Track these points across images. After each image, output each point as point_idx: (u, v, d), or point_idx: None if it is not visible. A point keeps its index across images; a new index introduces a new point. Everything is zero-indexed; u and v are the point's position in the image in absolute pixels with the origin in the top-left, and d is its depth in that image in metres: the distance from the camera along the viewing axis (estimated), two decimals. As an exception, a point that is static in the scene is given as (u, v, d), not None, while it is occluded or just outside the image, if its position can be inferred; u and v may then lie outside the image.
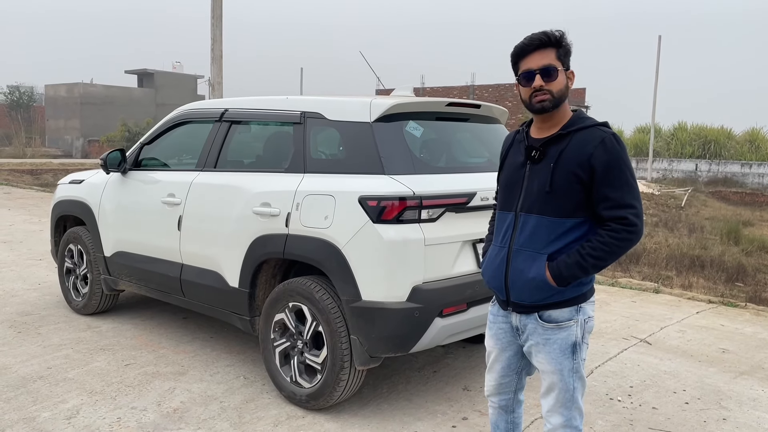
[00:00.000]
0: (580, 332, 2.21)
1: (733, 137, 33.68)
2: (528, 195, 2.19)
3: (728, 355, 4.64)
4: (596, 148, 2.08)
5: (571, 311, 2.19)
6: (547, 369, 2.23)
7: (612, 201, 2.08)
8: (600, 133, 2.11)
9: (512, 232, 2.22)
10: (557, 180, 2.12)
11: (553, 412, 2.26)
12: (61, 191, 5.36)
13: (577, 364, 2.23)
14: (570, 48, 2.19)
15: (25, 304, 5.41)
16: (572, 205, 2.12)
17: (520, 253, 2.19)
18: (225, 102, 4.31)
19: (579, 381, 2.24)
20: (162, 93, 40.66)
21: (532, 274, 2.15)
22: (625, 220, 2.07)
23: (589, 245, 2.09)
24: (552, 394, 2.25)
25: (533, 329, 2.23)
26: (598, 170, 2.07)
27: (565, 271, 2.10)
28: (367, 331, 3.18)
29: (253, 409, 3.50)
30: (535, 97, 2.15)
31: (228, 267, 3.81)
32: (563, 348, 2.20)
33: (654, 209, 17.49)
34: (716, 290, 7.15)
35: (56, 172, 21.60)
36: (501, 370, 2.41)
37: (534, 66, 2.14)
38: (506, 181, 2.31)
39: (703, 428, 3.44)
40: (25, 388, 3.70)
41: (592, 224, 2.15)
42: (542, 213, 2.15)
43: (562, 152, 2.13)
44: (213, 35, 12.53)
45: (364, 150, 3.36)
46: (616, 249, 2.08)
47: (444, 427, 3.36)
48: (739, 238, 11.39)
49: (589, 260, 2.08)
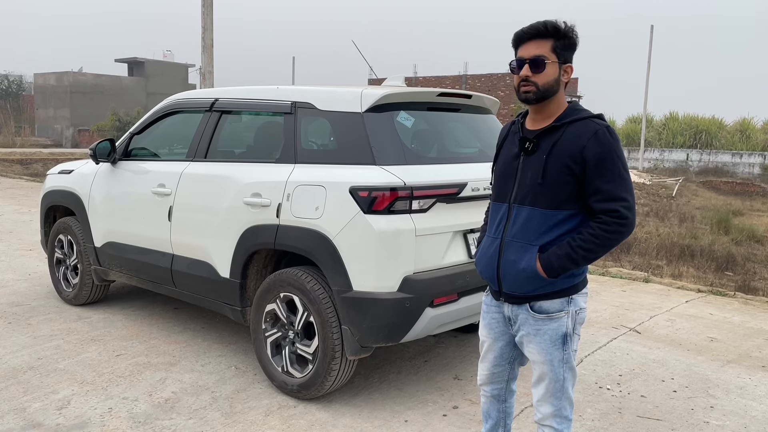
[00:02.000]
0: (571, 323, 2.22)
1: (724, 127, 33.86)
2: (521, 186, 2.20)
3: (716, 343, 4.69)
4: (589, 141, 2.08)
5: (562, 302, 2.21)
6: (537, 359, 2.25)
7: (604, 194, 2.08)
8: (594, 126, 2.11)
9: (505, 223, 2.23)
10: (550, 171, 2.12)
11: (543, 401, 2.29)
12: (50, 181, 5.33)
13: (568, 354, 2.24)
14: (574, 41, 2.17)
15: (15, 295, 5.38)
16: (564, 197, 2.13)
17: (512, 244, 2.20)
18: (215, 92, 4.28)
19: (569, 372, 2.26)
20: (152, 82, 40.34)
21: (524, 265, 2.16)
22: (616, 213, 2.07)
23: (580, 237, 2.10)
24: (542, 384, 2.28)
25: (525, 320, 2.25)
26: (591, 162, 2.08)
27: (556, 262, 2.11)
28: (358, 321, 3.19)
29: (245, 399, 3.51)
30: (522, 87, 2.16)
31: (219, 257, 3.80)
32: (554, 339, 2.21)
33: (645, 199, 17.59)
34: (706, 279, 7.22)
35: (46, 161, 21.45)
36: (494, 359, 2.43)
37: (525, 55, 2.15)
38: (500, 172, 2.31)
39: (690, 416, 3.48)
40: (15, 378, 3.69)
41: (584, 216, 2.16)
42: (534, 204, 2.16)
43: (555, 144, 2.13)
44: (204, 23, 12.43)
45: (355, 140, 3.35)
46: (606, 242, 2.08)
47: (435, 416, 3.38)
48: (729, 227, 11.48)
49: (580, 252, 2.09)
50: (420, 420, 3.33)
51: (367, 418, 3.33)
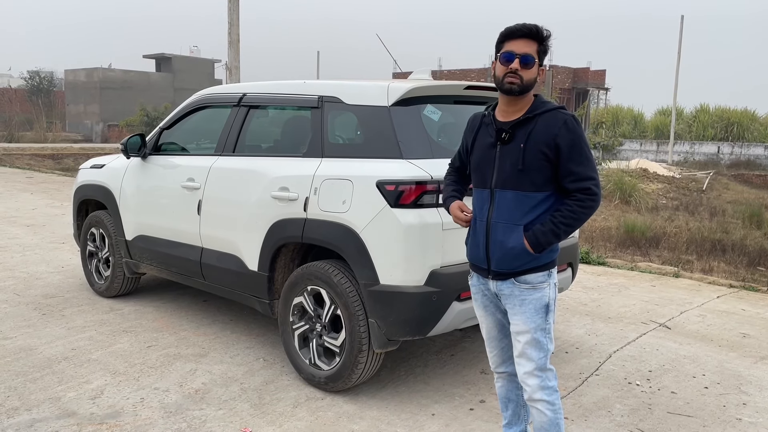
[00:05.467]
0: (552, 294, 2.45)
1: (757, 119, 33.09)
2: (501, 173, 2.40)
3: (749, 339, 4.60)
4: (560, 129, 2.32)
5: (544, 275, 2.43)
6: (521, 329, 2.43)
7: (576, 175, 2.32)
8: (562, 116, 2.35)
9: (488, 206, 2.43)
10: (528, 158, 2.33)
11: (530, 375, 2.44)
12: (82, 176, 5.43)
13: (549, 325, 2.44)
14: (548, 49, 2.39)
15: (49, 287, 5.51)
16: (542, 180, 2.35)
17: (498, 225, 2.40)
18: (243, 87, 4.32)
19: (550, 343, 2.45)
20: (180, 77, 40.83)
21: (512, 243, 2.37)
22: (588, 191, 2.32)
23: (559, 214, 2.33)
24: (525, 356, 2.44)
25: (510, 292, 2.44)
26: (563, 148, 2.31)
27: (542, 237, 2.33)
28: (385, 315, 3.20)
29: (273, 391, 3.55)
30: (507, 78, 2.33)
31: (247, 251, 3.84)
32: (537, 308, 2.41)
33: (675, 192, 17.30)
34: (737, 274, 7.08)
35: (77, 156, 21.87)
36: (498, 334, 2.62)
37: (517, 50, 2.33)
38: (478, 161, 2.49)
39: (722, 413, 3.43)
40: (50, 368, 3.78)
41: (557, 196, 2.39)
42: (516, 188, 2.37)
43: (530, 133, 2.34)
44: (230, 19, 12.52)
45: (382, 134, 3.35)
46: (582, 215, 2.33)
47: (461, 409, 3.38)
48: (762, 221, 11.24)
49: (562, 227, 2.32)
50: (447, 413, 3.33)
51: (393, 411, 3.35)
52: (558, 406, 2.47)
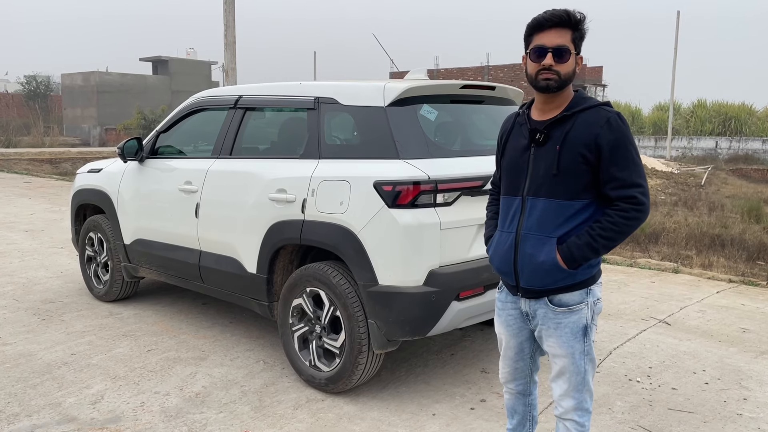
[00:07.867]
0: (590, 314, 2.20)
1: (754, 113, 33.11)
2: (534, 178, 2.16)
3: (749, 334, 4.60)
4: (602, 128, 2.06)
5: (581, 294, 2.19)
6: (558, 353, 2.22)
7: (620, 180, 2.06)
8: (605, 113, 2.09)
9: (519, 216, 2.20)
10: (564, 162, 2.09)
11: (565, 395, 2.26)
12: (80, 180, 5.43)
13: (588, 346, 2.22)
14: (585, 33, 2.14)
15: (48, 292, 5.51)
16: (580, 187, 2.10)
17: (528, 237, 2.16)
18: (239, 89, 4.31)
19: (590, 363, 2.24)
20: (176, 80, 40.82)
21: (543, 257, 2.12)
22: (633, 200, 2.05)
23: (598, 226, 2.08)
24: (563, 378, 2.25)
25: (543, 314, 2.22)
26: (605, 150, 2.05)
27: (576, 252, 2.08)
28: (385, 316, 3.20)
29: (273, 393, 3.55)
30: (542, 75, 2.10)
31: (246, 253, 3.84)
32: (574, 331, 2.19)
33: (673, 188, 17.30)
34: (737, 269, 7.07)
35: (75, 160, 21.84)
36: (514, 356, 2.41)
37: (548, 43, 2.09)
38: (510, 165, 2.26)
39: (723, 408, 3.43)
40: (50, 374, 3.78)
41: (597, 206, 2.14)
42: (550, 196, 2.13)
43: (568, 133, 2.10)
44: (226, 21, 12.50)
45: (379, 134, 3.35)
46: (625, 228, 2.07)
47: (462, 409, 3.38)
48: (761, 216, 11.24)
49: (600, 241, 2.07)
50: (448, 413, 3.33)
51: (394, 411, 3.35)
52: (587, 428, 2.28)
